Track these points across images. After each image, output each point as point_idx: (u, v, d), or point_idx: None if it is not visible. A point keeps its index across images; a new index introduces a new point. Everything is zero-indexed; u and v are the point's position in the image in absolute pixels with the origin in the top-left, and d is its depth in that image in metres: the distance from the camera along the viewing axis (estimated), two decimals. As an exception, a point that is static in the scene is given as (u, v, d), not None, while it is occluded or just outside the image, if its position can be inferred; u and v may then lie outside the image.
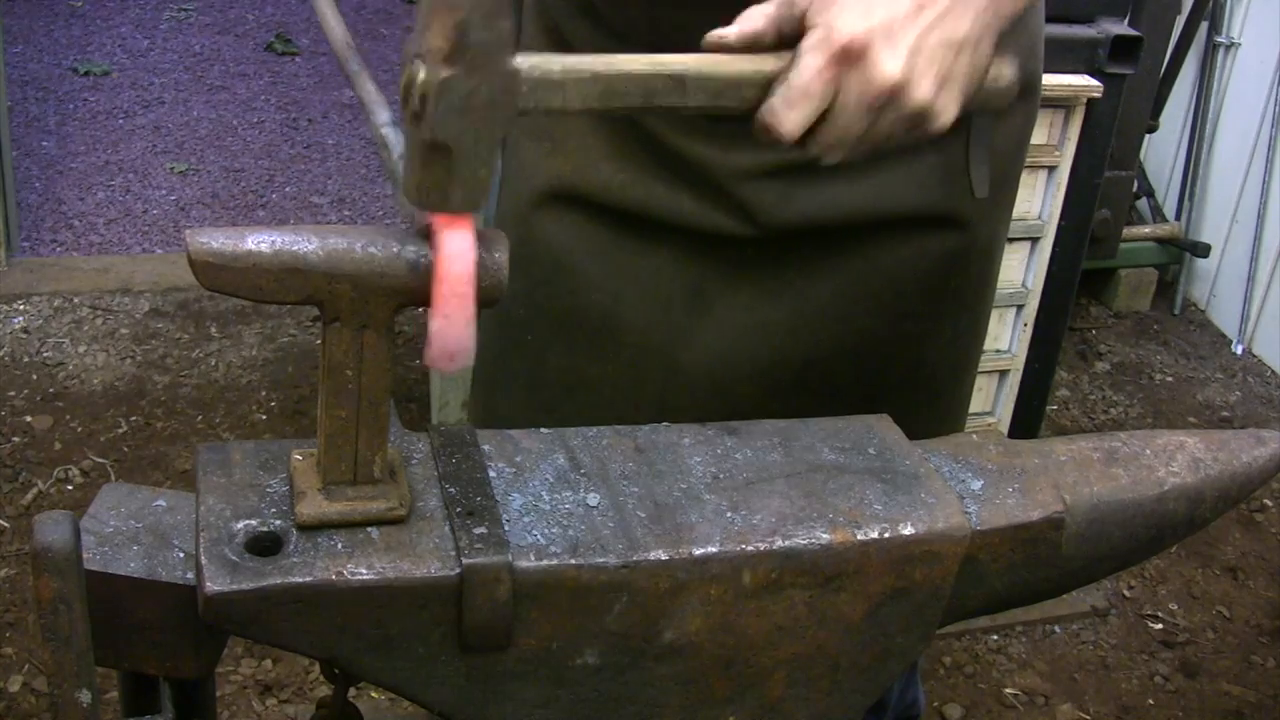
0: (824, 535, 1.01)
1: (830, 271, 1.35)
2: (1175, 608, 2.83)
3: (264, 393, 3.15)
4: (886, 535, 1.02)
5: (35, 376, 3.13)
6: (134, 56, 4.97)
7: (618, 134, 1.34)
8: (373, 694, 2.24)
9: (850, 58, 0.96)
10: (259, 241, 0.87)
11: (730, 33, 0.99)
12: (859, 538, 1.02)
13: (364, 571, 0.92)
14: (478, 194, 0.89)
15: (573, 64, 0.92)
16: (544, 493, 1.01)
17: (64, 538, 0.84)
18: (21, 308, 3.38)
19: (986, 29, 1.01)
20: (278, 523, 0.95)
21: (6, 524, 2.67)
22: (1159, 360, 3.77)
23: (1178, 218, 4.00)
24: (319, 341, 0.93)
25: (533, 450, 1.06)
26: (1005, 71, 1.06)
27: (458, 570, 0.92)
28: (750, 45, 0.98)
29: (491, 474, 1.02)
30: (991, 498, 1.08)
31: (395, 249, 0.89)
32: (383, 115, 1.15)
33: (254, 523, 0.94)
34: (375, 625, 0.93)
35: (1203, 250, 3.92)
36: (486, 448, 1.05)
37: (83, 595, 0.86)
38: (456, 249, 0.88)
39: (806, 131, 0.99)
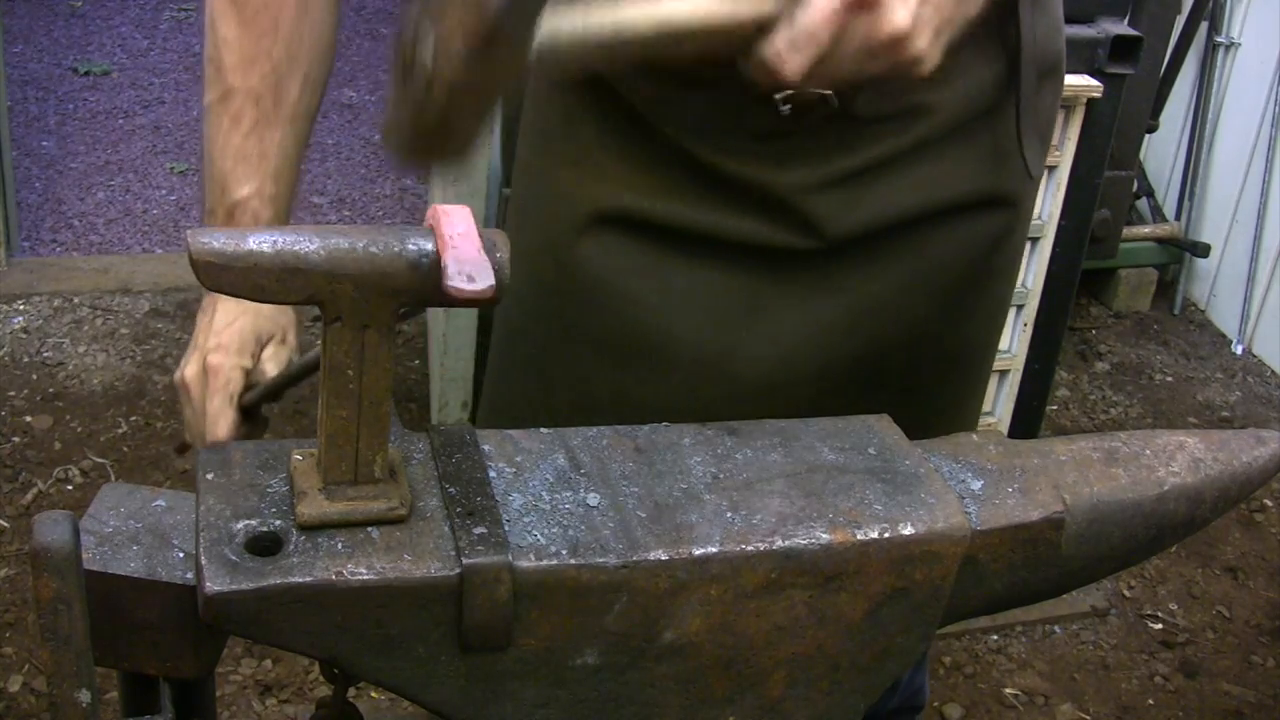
0: (824, 535, 1.01)
1: (884, 266, 1.34)
2: (1175, 608, 2.83)
3: (264, 393, 3.15)
4: (886, 535, 1.02)
5: (35, 376, 3.13)
6: (134, 56, 4.97)
7: (663, 160, 1.32)
8: (373, 694, 2.24)
9: (863, 4, 0.94)
10: (260, 241, 0.87)
11: None
12: (859, 538, 1.02)
13: (364, 571, 0.92)
14: (471, 147, 0.89)
15: (565, 22, 0.89)
16: (544, 493, 1.01)
17: (63, 538, 0.84)
18: (21, 308, 3.38)
19: None
20: (278, 523, 0.95)
21: (6, 524, 2.67)
22: (1159, 360, 3.77)
23: (1178, 218, 4.00)
24: (319, 341, 0.93)
25: (533, 450, 1.06)
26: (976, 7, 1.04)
27: (458, 570, 0.92)
28: None
29: (491, 474, 1.02)
30: (991, 498, 1.08)
31: (396, 248, 0.89)
32: None
33: (254, 523, 0.94)
34: (375, 625, 0.93)
35: (1203, 250, 3.92)
36: (486, 448, 1.05)
37: (82, 595, 0.86)
38: (454, 207, 0.89)
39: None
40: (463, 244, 0.87)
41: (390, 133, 0.91)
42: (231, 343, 1.25)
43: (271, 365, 1.27)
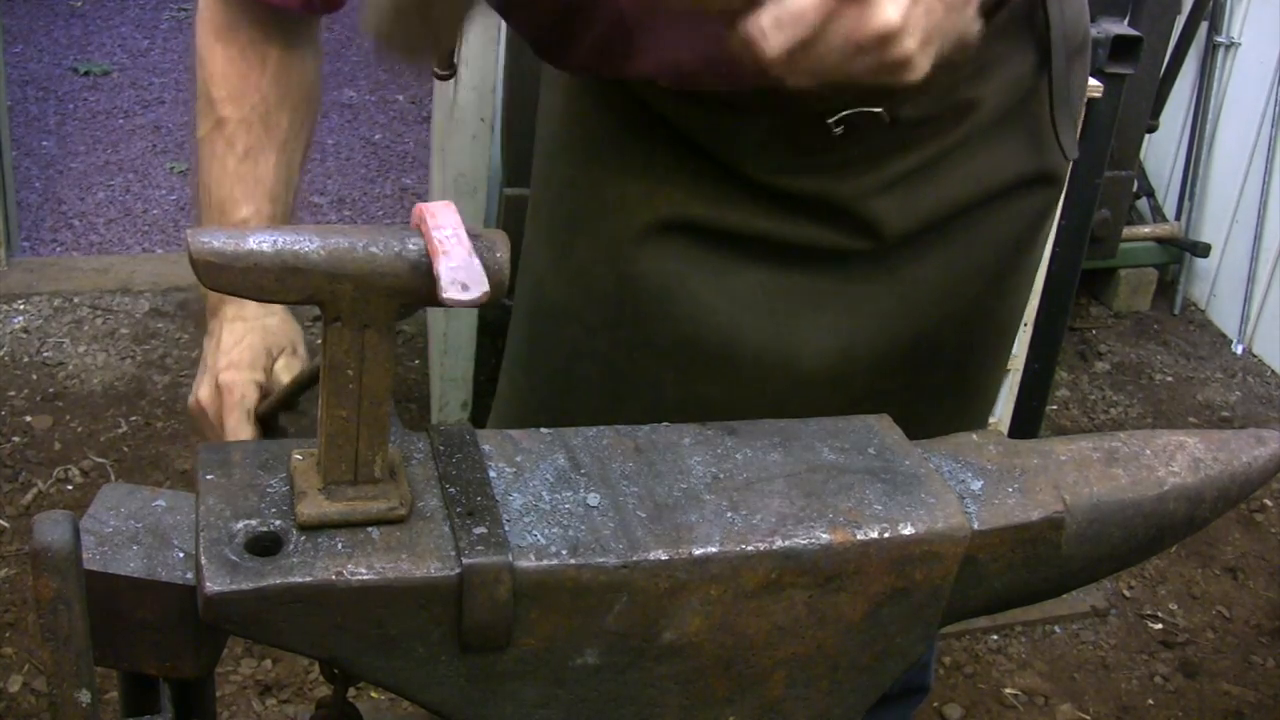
0: (824, 535, 1.01)
1: (938, 252, 1.38)
2: (1175, 608, 2.83)
3: (264, 393, 3.15)
4: (886, 535, 1.02)
5: (35, 376, 3.13)
6: (134, 56, 4.97)
7: (722, 181, 1.34)
8: (373, 694, 2.24)
9: None
10: (260, 241, 0.87)
11: None
12: (859, 538, 1.02)
13: (364, 571, 0.92)
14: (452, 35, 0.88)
15: None
16: (544, 493, 1.01)
17: (63, 538, 0.84)
18: (21, 308, 3.38)
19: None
20: (278, 523, 0.95)
21: (6, 524, 2.67)
22: (1159, 360, 3.76)
23: (1178, 218, 4.00)
24: (319, 341, 0.93)
25: (533, 450, 1.06)
26: (973, 27, 1.02)
27: (458, 570, 0.92)
28: None
29: (491, 474, 1.02)
30: (991, 498, 1.08)
31: (397, 248, 0.89)
32: None
33: (254, 523, 0.94)
34: (375, 625, 0.93)
35: (1203, 250, 3.92)
36: (486, 448, 1.05)
37: (82, 595, 0.86)
38: (438, 204, 0.90)
39: None
40: (453, 248, 0.86)
41: (372, 18, 0.89)
42: (243, 359, 1.26)
43: (285, 376, 1.28)
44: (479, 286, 0.86)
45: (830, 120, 1.23)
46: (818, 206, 1.34)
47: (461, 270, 0.85)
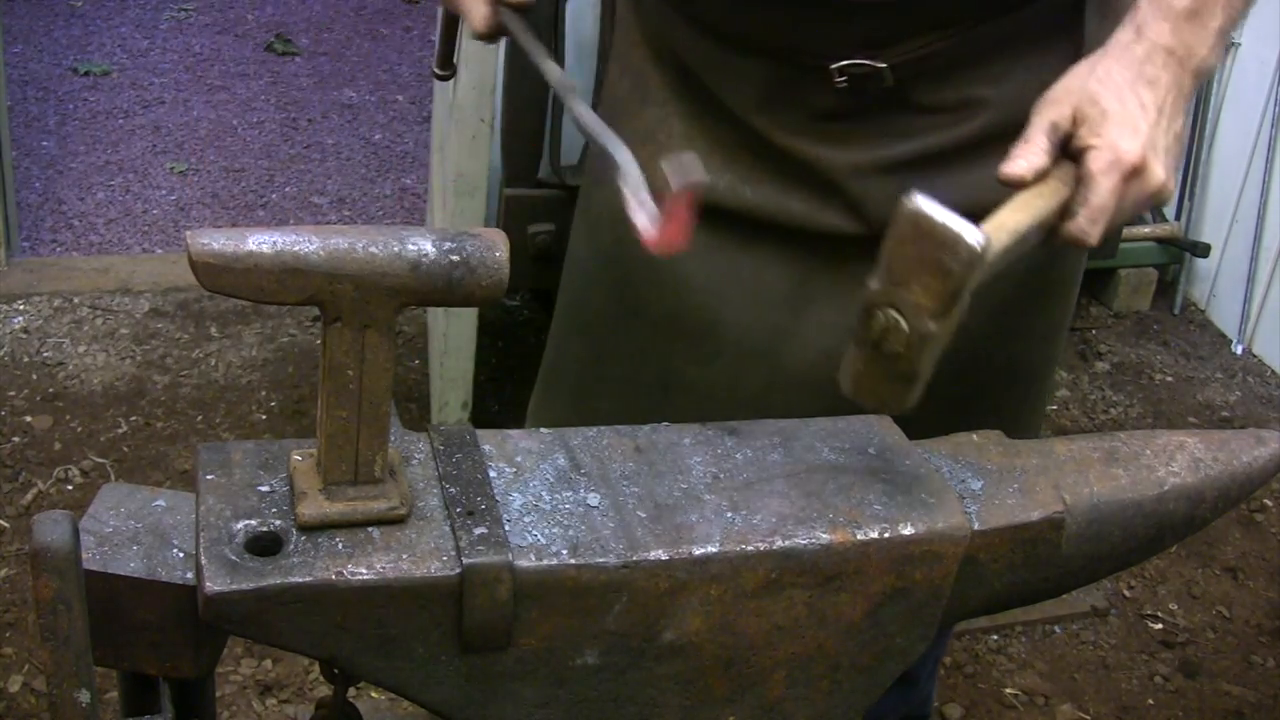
0: (824, 535, 1.01)
1: None
2: (1175, 608, 2.83)
3: (264, 393, 3.15)
4: (886, 535, 1.02)
5: (35, 376, 3.13)
6: (134, 56, 4.97)
7: (723, 137, 1.37)
8: (373, 694, 2.24)
9: (1134, 173, 1.13)
10: (260, 242, 0.87)
11: (1024, 171, 1.12)
12: (859, 538, 1.02)
13: (364, 571, 0.92)
14: (919, 392, 1.03)
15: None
16: (544, 493, 1.01)
17: (63, 538, 0.84)
18: (21, 308, 3.38)
19: (1185, 115, 1.18)
20: (278, 523, 0.95)
21: (6, 524, 2.67)
22: (1159, 360, 3.76)
23: (1178, 218, 4.00)
24: (319, 341, 0.93)
25: (533, 450, 1.06)
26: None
27: (458, 570, 0.92)
28: (1039, 178, 1.13)
29: (492, 474, 1.02)
30: (991, 498, 1.08)
31: (396, 249, 0.89)
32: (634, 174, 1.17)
33: (254, 523, 0.94)
34: (375, 625, 0.93)
35: (1203, 250, 3.91)
36: (486, 448, 1.05)
37: (82, 595, 0.86)
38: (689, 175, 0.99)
39: None
40: (680, 213, 1.00)
41: (862, 382, 1.04)
42: None
43: None
44: (680, 245, 1.01)
45: (833, 67, 1.27)
46: (808, 176, 1.33)
47: (677, 232, 0.99)
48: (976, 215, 1.33)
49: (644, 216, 1.03)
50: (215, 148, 4.36)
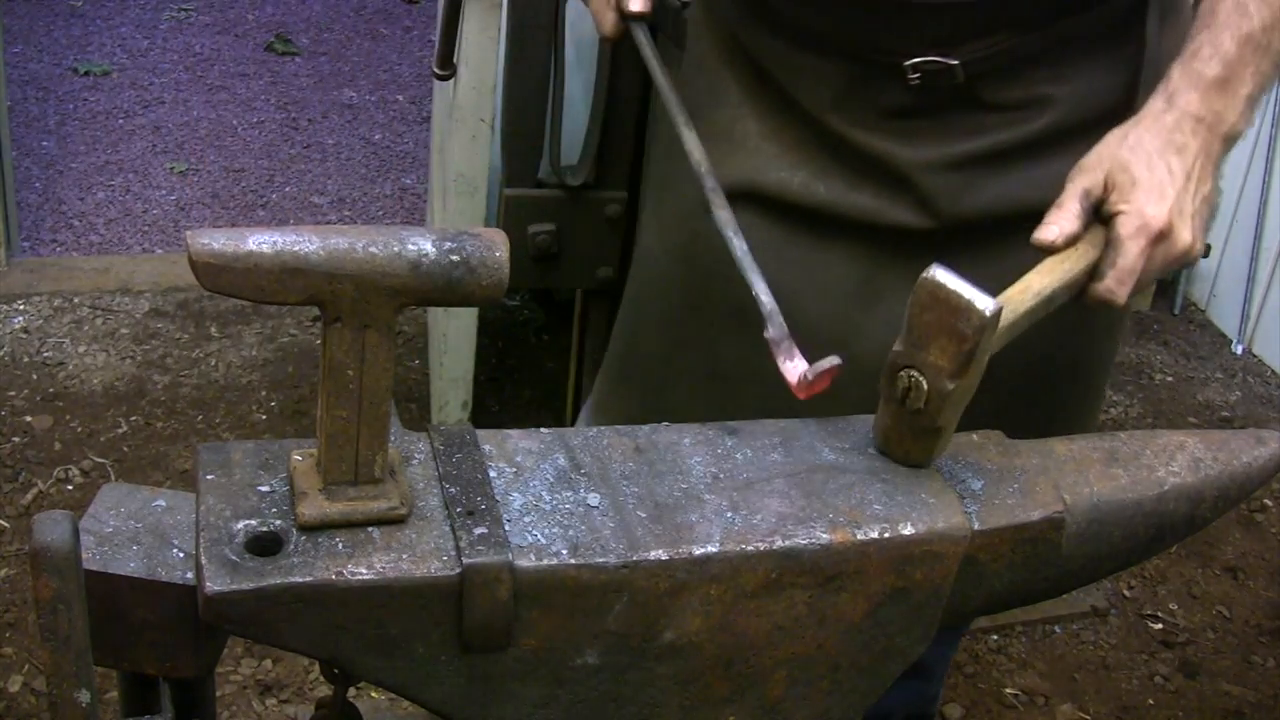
0: (824, 535, 1.01)
1: (998, 260, 1.39)
2: (1175, 608, 2.83)
3: (264, 393, 3.15)
4: (886, 535, 1.02)
5: (35, 376, 3.13)
6: (134, 56, 4.96)
7: (796, 134, 1.42)
8: (373, 694, 2.24)
9: (1161, 238, 1.20)
10: (260, 242, 0.87)
11: (1056, 237, 1.20)
12: (859, 538, 1.02)
13: (364, 571, 0.92)
14: (947, 446, 1.11)
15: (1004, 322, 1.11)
16: (544, 493, 1.01)
17: (63, 538, 0.84)
18: (21, 308, 3.38)
19: (1215, 179, 1.24)
20: (278, 523, 0.95)
21: (6, 524, 2.67)
22: (1159, 360, 3.76)
23: (1178, 218, 3.99)
24: (319, 341, 0.93)
25: (533, 450, 1.06)
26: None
27: (458, 570, 0.92)
28: (1071, 243, 1.20)
29: (492, 474, 1.02)
30: (991, 498, 1.08)
31: (396, 248, 0.89)
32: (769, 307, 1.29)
33: (254, 523, 0.94)
34: (375, 625, 0.93)
35: (1203, 250, 3.91)
36: (486, 448, 1.05)
37: (82, 595, 0.86)
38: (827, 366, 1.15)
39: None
40: (820, 384, 1.15)
41: (889, 436, 1.11)
42: None
43: None
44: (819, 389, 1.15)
45: (906, 64, 1.31)
46: (880, 172, 1.38)
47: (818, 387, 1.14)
48: (1039, 212, 1.36)
49: (793, 369, 1.18)
50: (215, 148, 4.36)
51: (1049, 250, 1.20)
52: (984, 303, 1.03)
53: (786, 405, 1.22)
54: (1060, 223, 1.20)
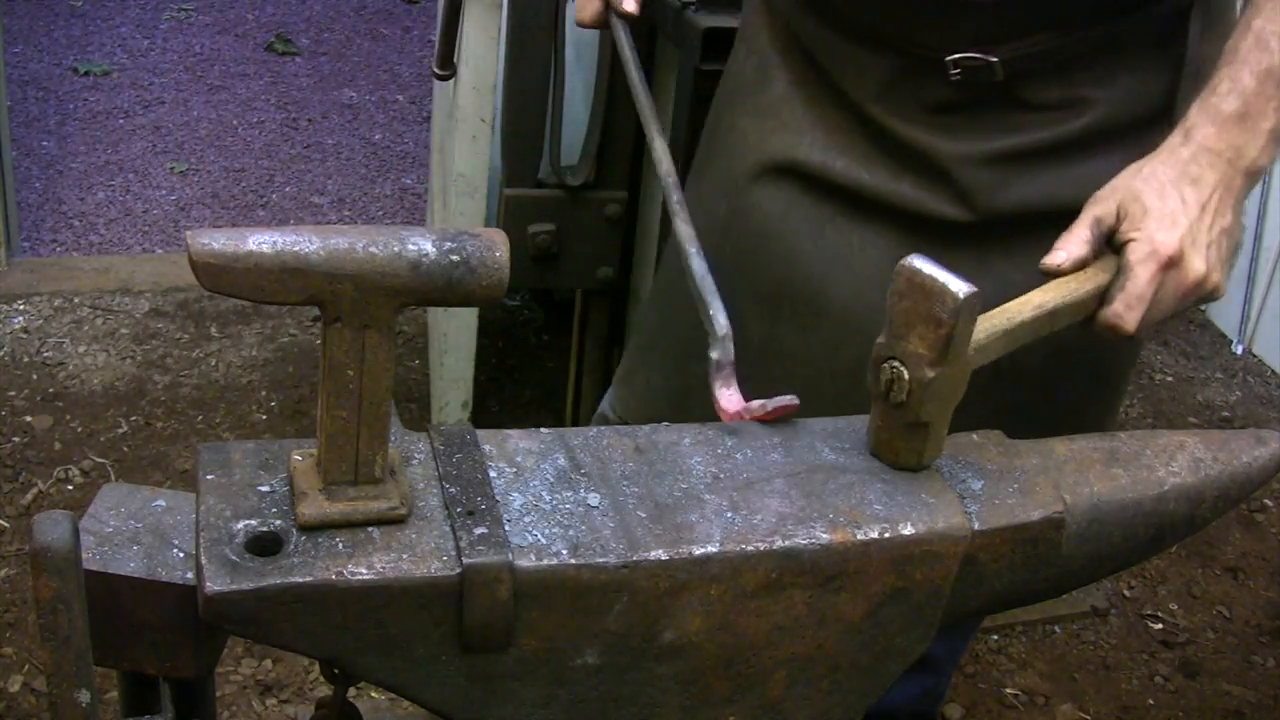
0: (824, 535, 1.01)
1: (1031, 256, 1.41)
2: (1175, 608, 2.83)
3: (264, 393, 3.15)
4: (886, 535, 1.02)
5: (35, 376, 3.13)
6: (134, 56, 4.97)
7: (842, 121, 1.45)
8: (373, 694, 2.24)
9: (1171, 265, 1.20)
10: (260, 242, 0.87)
11: (1063, 261, 1.21)
12: (859, 538, 1.02)
13: (364, 571, 0.92)
14: (939, 448, 1.10)
15: (988, 329, 1.12)
16: (544, 493, 1.01)
17: (63, 538, 0.84)
18: (21, 308, 3.38)
19: (1236, 213, 1.24)
20: (278, 523, 0.95)
21: (6, 524, 2.67)
22: (1159, 360, 3.76)
23: (1178, 218, 3.99)
24: (319, 341, 0.93)
25: (533, 450, 1.06)
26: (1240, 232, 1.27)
27: (458, 570, 0.92)
28: (1078, 267, 1.21)
29: (492, 474, 1.02)
30: (991, 498, 1.08)
31: (396, 248, 0.89)
32: (692, 251, 1.34)
33: (254, 523, 0.94)
34: (375, 625, 0.93)
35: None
36: (486, 448, 1.05)
37: (82, 595, 0.86)
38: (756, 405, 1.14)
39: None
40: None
41: (880, 437, 1.10)
42: None
43: None
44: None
45: (948, 60, 1.34)
46: (921, 163, 1.40)
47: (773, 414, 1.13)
48: (1075, 211, 1.37)
49: (727, 397, 1.20)
50: (215, 148, 4.36)
51: (1055, 274, 1.21)
52: (959, 286, 1.03)
53: (809, 388, 1.22)
54: (1068, 247, 1.22)
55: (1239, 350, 3.84)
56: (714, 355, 1.24)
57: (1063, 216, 1.36)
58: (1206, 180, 1.22)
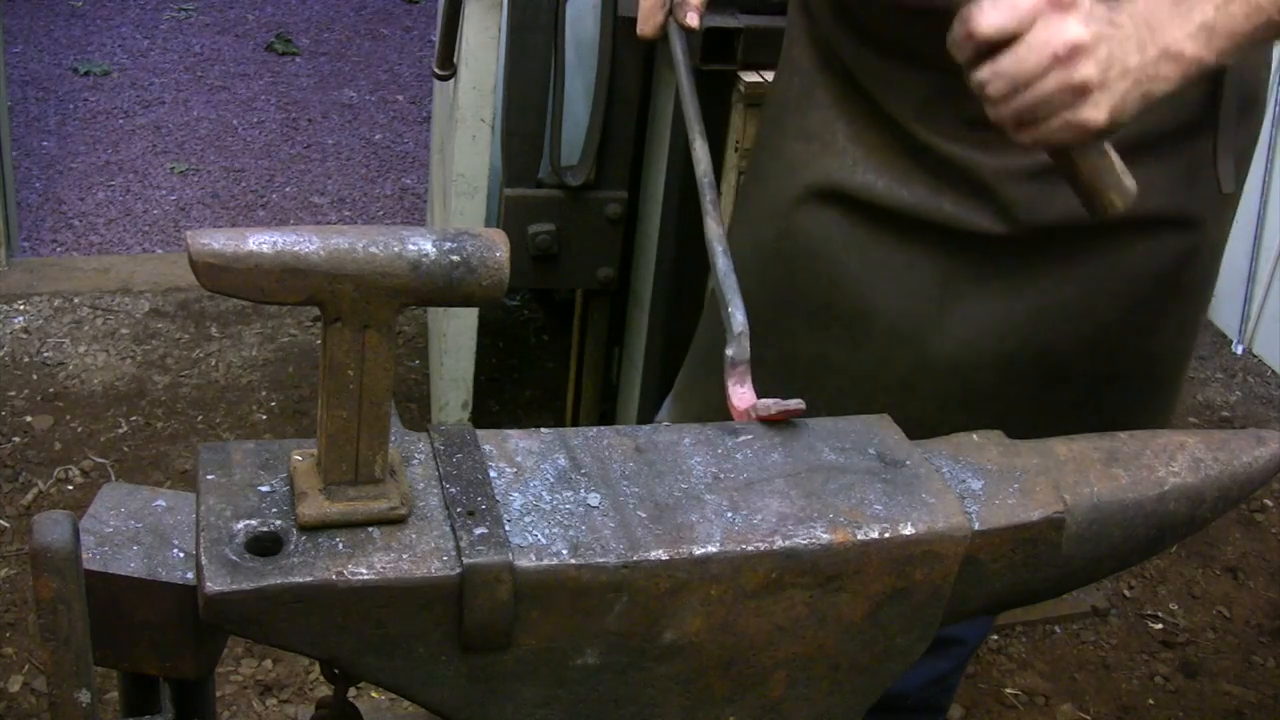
0: (824, 535, 1.01)
1: (1074, 268, 1.44)
2: (1175, 608, 2.83)
3: (264, 393, 3.15)
4: (886, 535, 1.02)
5: (35, 376, 3.13)
6: (134, 56, 4.97)
7: (883, 140, 1.46)
8: (373, 694, 2.24)
9: (1059, 4, 1.06)
10: (260, 242, 0.87)
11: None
12: (859, 538, 1.02)
13: (364, 571, 0.92)
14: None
15: None
16: (544, 493, 1.01)
17: (63, 538, 0.84)
18: (21, 308, 3.38)
19: (1139, 86, 1.12)
20: (278, 523, 0.95)
21: (6, 524, 2.67)
22: (1159, 360, 3.76)
23: (1178, 218, 3.99)
24: (319, 341, 0.93)
25: (533, 450, 1.06)
26: (1128, 182, 1.17)
27: (458, 570, 0.92)
28: None
29: (492, 474, 1.02)
30: (991, 498, 1.08)
31: (397, 248, 0.89)
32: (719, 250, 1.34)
33: (254, 523, 0.94)
34: (375, 625, 0.93)
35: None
36: (486, 448, 1.05)
37: (82, 595, 0.86)
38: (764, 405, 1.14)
39: (981, 54, 1.09)
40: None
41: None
42: None
43: None
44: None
45: None
46: (962, 179, 1.41)
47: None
48: (1116, 225, 1.37)
49: (740, 395, 1.18)
50: (215, 148, 4.36)
51: None
52: None
53: (860, 402, 1.22)
54: None
55: (1239, 350, 3.84)
56: (729, 352, 1.24)
57: (1101, 228, 1.37)
58: (1123, 26, 1.11)
